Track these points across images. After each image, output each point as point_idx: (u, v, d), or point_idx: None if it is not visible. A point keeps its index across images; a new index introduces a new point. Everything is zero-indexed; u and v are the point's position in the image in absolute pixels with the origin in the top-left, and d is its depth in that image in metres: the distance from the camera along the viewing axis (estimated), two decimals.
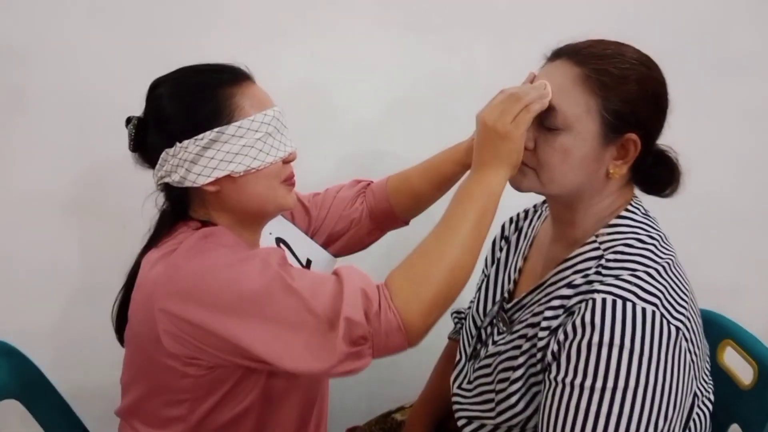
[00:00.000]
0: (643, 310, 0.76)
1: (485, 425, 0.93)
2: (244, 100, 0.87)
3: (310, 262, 1.06)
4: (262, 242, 0.98)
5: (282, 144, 0.89)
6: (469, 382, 0.98)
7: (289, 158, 0.91)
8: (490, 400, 0.91)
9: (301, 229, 1.10)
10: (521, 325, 0.90)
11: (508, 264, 1.04)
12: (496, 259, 1.08)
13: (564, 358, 0.78)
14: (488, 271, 1.08)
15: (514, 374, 0.87)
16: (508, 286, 1.00)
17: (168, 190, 0.91)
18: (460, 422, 0.98)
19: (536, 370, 0.85)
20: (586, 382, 0.75)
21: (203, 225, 0.89)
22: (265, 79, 0.95)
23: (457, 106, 1.49)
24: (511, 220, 1.11)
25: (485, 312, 1.03)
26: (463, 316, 1.20)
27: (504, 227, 1.11)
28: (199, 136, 0.85)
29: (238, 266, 0.80)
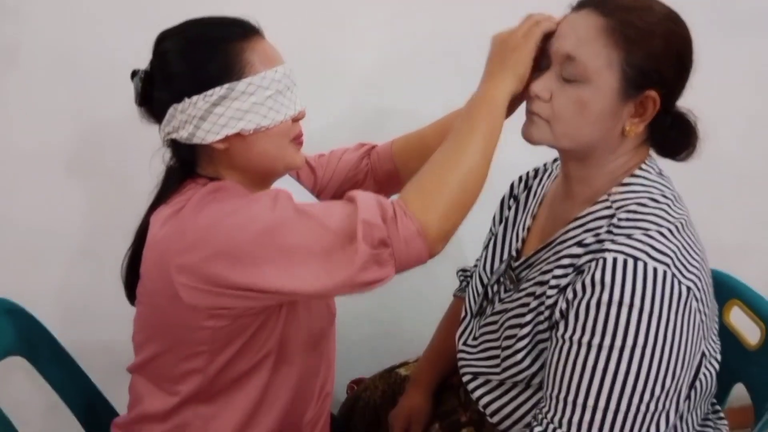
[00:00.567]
0: (655, 270, 0.75)
1: (490, 380, 0.94)
2: (254, 56, 0.84)
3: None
4: None
5: (291, 102, 0.87)
6: (475, 339, 0.98)
7: (298, 116, 0.89)
8: (496, 356, 0.91)
9: (306, 188, 1.09)
10: (529, 283, 0.90)
11: (517, 222, 1.03)
12: (504, 218, 1.07)
13: (572, 315, 0.77)
14: (496, 229, 1.07)
15: (520, 331, 0.87)
16: (516, 244, 0.99)
17: (175, 146, 0.89)
18: (465, 377, 0.98)
19: (543, 328, 0.84)
20: (594, 340, 0.75)
21: (211, 181, 0.87)
22: (267, 35, 0.92)
23: (465, 61, 1.45)
24: (521, 178, 1.09)
25: (492, 270, 1.02)
26: (468, 274, 1.20)
27: (513, 186, 1.10)
28: (209, 91, 0.83)
29: (247, 207, 0.80)
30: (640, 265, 0.75)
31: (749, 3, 1.49)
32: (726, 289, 1.05)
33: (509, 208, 1.07)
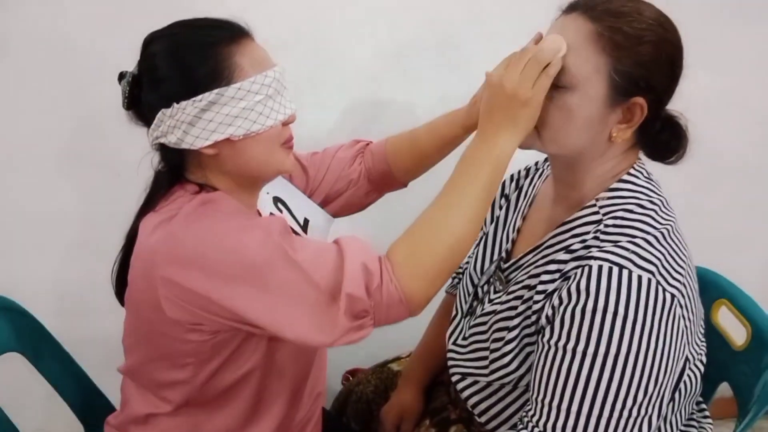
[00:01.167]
0: (639, 278, 0.76)
1: (478, 381, 0.95)
2: (243, 60, 0.83)
3: (307, 222, 1.06)
4: (259, 202, 0.97)
5: (282, 106, 0.86)
6: (464, 339, 0.99)
7: (289, 120, 0.89)
8: (484, 358, 0.93)
9: (298, 188, 1.08)
10: (517, 285, 0.90)
11: (507, 223, 1.03)
12: (495, 218, 1.07)
13: (558, 322, 0.78)
14: (487, 229, 1.08)
15: (508, 334, 0.88)
16: (506, 245, 1.00)
17: (164, 150, 0.89)
18: (454, 378, 1.00)
19: (530, 332, 0.85)
20: (579, 347, 0.76)
21: (201, 188, 0.87)
22: (261, 26, 0.91)
23: (461, 53, 1.45)
24: (512, 177, 1.09)
25: (482, 270, 1.03)
26: (460, 271, 1.20)
27: (504, 185, 1.10)
28: (198, 97, 0.82)
29: (239, 233, 0.79)
30: (625, 273, 0.76)
31: None
32: (714, 289, 1.05)
33: (500, 207, 1.08)
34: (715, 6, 1.46)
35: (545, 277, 0.84)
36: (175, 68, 0.83)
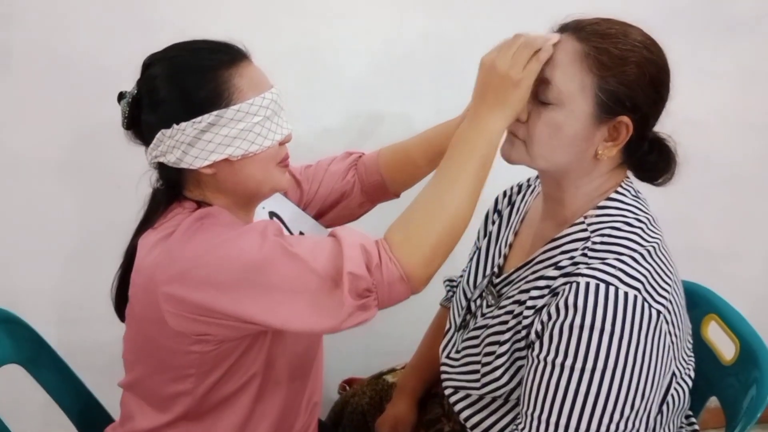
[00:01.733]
0: (626, 294, 0.77)
1: (470, 395, 0.96)
2: (242, 82, 0.85)
3: (302, 235, 1.07)
4: (255, 217, 0.99)
5: (279, 127, 0.88)
6: (457, 352, 1.01)
7: (285, 140, 0.91)
8: (476, 371, 0.94)
9: (293, 202, 1.10)
10: (508, 300, 0.92)
11: (500, 238, 1.05)
12: (488, 233, 1.09)
13: (547, 337, 0.80)
14: (480, 243, 1.09)
15: (499, 348, 0.89)
16: (498, 260, 1.02)
17: (162, 169, 0.91)
18: (446, 391, 1.01)
19: (521, 346, 0.87)
20: (567, 362, 0.77)
21: (199, 205, 0.89)
22: (258, 41, 0.93)
23: (456, 67, 1.46)
24: (505, 193, 1.11)
25: (475, 284, 1.04)
26: (455, 284, 1.22)
27: (497, 200, 1.12)
28: (198, 119, 0.84)
29: (236, 240, 0.81)
30: (611, 290, 0.78)
31: (739, 6, 1.49)
32: (704, 303, 1.07)
33: (493, 222, 1.09)
34: (704, 21, 1.49)
35: (535, 293, 0.85)
36: (176, 91, 0.85)
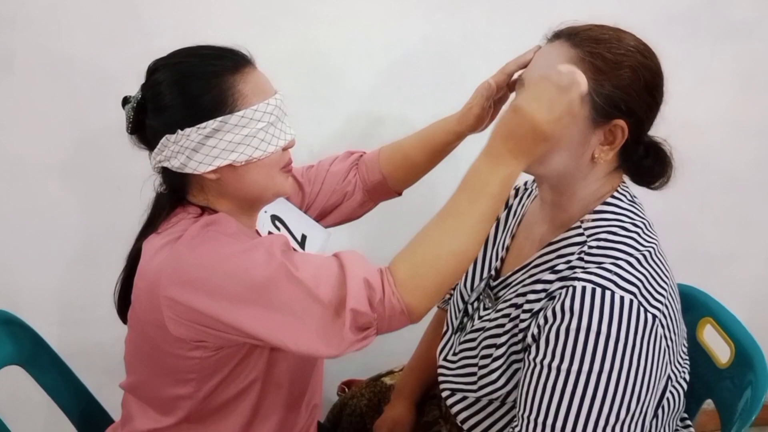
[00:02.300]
0: (621, 299, 0.78)
1: (467, 397, 0.97)
2: (246, 88, 0.86)
3: (305, 238, 1.08)
4: (258, 220, 0.99)
5: (282, 132, 0.89)
6: (454, 354, 1.01)
7: (288, 145, 0.91)
8: (473, 374, 0.95)
9: (295, 205, 1.11)
10: (505, 303, 0.93)
11: (497, 241, 1.06)
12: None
13: (543, 340, 0.81)
14: None
15: (496, 351, 0.90)
16: (495, 263, 1.02)
17: (166, 173, 0.91)
18: (443, 393, 1.01)
19: (517, 349, 0.88)
20: (563, 365, 0.78)
21: (202, 210, 0.90)
22: (259, 43, 0.93)
23: (455, 69, 1.47)
24: None
25: (473, 287, 1.05)
26: (453, 287, 1.22)
27: None
28: (202, 124, 0.84)
29: (242, 256, 0.82)
30: (607, 294, 0.78)
31: (736, 12, 1.50)
32: (700, 307, 1.07)
33: (488, 232, 1.10)
34: (702, 26, 1.50)
35: (531, 296, 0.86)
36: (180, 97, 0.85)
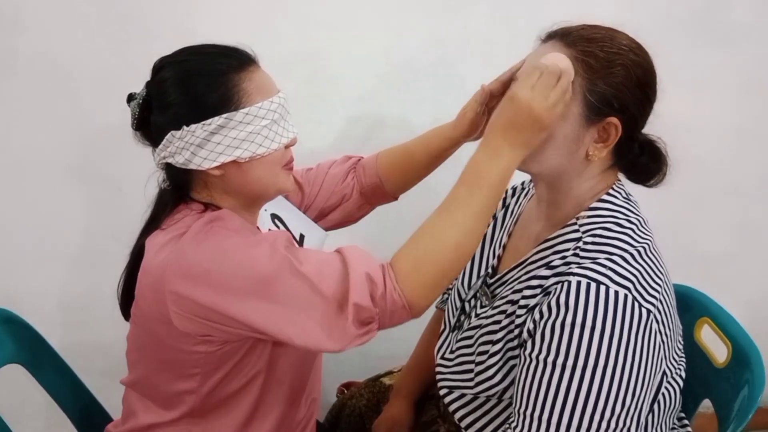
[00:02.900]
0: (616, 293, 0.79)
1: (465, 395, 0.97)
2: (251, 86, 0.87)
3: (303, 237, 1.09)
4: (259, 218, 1.01)
5: (285, 130, 0.90)
6: (452, 352, 1.02)
7: (291, 143, 0.93)
8: (470, 371, 0.95)
9: (294, 204, 1.12)
10: (502, 300, 0.93)
11: (494, 240, 1.07)
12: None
13: (539, 336, 0.81)
14: None
15: (493, 348, 0.90)
16: (492, 261, 1.03)
17: (170, 170, 0.92)
18: (441, 391, 1.02)
19: (513, 345, 0.88)
20: (558, 360, 0.79)
21: (206, 207, 0.91)
22: (259, 46, 0.95)
23: (454, 73, 1.49)
24: None
25: (470, 285, 1.06)
26: (450, 287, 1.23)
27: None
28: (207, 121, 0.85)
29: (247, 250, 0.83)
30: (602, 288, 0.79)
31: (735, 15, 1.51)
32: (697, 307, 1.08)
33: (488, 224, 1.11)
34: (701, 30, 1.51)
35: (527, 293, 0.87)
36: (186, 94, 0.87)
